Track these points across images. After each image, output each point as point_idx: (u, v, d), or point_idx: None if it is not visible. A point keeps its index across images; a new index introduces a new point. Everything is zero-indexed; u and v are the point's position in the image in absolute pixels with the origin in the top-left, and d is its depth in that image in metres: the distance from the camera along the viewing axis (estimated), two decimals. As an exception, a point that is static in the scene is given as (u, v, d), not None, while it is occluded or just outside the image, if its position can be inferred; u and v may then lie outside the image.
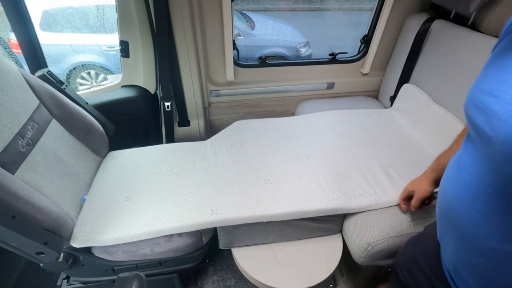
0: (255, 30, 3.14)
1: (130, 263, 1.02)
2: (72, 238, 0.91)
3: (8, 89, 0.85)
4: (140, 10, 1.26)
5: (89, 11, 2.86)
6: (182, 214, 0.97)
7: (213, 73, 1.52)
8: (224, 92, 1.58)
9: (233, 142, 1.31)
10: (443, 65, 1.26)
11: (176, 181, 1.11)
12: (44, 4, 2.64)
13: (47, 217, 0.79)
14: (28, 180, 0.82)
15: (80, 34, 2.84)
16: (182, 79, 1.41)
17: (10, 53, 2.51)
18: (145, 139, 1.57)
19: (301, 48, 3.14)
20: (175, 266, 1.08)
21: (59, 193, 0.92)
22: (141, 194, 1.05)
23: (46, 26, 2.68)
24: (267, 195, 1.04)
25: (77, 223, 0.95)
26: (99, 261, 0.99)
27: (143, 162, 1.21)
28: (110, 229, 0.93)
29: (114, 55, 2.86)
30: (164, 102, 1.40)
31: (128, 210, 0.99)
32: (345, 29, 4.10)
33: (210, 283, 1.34)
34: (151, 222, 0.95)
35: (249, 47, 3.01)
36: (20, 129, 0.85)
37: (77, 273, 1.05)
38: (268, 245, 1.09)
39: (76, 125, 1.10)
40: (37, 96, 0.98)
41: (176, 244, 0.99)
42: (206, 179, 1.11)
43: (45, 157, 0.92)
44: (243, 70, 1.55)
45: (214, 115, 1.67)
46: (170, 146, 1.30)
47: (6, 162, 0.77)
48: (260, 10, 4.08)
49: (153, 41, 1.34)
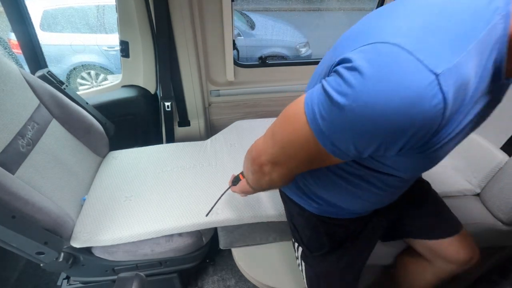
0: (255, 30, 3.14)
1: (130, 263, 1.02)
2: (73, 238, 0.91)
3: (8, 89, 0.85)
4: (140, 10, 1.26)
5: (89, 11, 2.86)
6: (182, 214, 0.97)
7: (213, 73, 1.52)
8: (224, 92, 1.58)
9: (233, 142, 1.31)
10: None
11: (176, 181, 1.11)
12: (44, 4, 2.64)
13: (47, 217, 0.79)
14: (28, 180, 0.82)
15: (80, 34, 2.84)
16: (182, 79, 1.41)
17: (10, 53, 2.51)
18: (145, 139, 1.57)
19: (301, 48, 3.14)
20: (175, 266, 1.08)
21: (59, 193, 0.92)
22: (141, 194, 1.05)
23: (46, 26, 2.68)
24: (268, 194, 1.04)
25: (78, 223, 0.95)
26: (99, 261, 0.99)
27: (143, 162, 1.21)
28: (110, 229, 0.93)
29: (114, 55, 2.86)
30: (164, 102, 1.40)
31: (129, 210, 0.99)
32: (345, 29, 4.08)
33: (210, 283, 1.34)
34: (151, 222, 0.95)
35: (249, 47, 3.01)
36: (20, 129, 0.85)
37: (77, 273, 1.05)
38: (268, 245, 1.09)
39: (76, 125, 1.10)
40: (37, 96, 0.98)
41: (176, 244, 0.99)
42: (207, 179, 1.11)
43: (45, 157, 0.92)
44: (243, 70, 1.55)
45: (214, 115, 1.67)
46: (170, 146, 1.30)
47: (6, 162, 0.77)
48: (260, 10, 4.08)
49: (153, 41, 1.34)
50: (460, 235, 0.81)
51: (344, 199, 0.65)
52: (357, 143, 0.39)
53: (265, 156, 0.54)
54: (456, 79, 0.34)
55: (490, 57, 0.37)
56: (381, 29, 0.38)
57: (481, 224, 0.98)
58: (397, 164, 0.48)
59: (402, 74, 0.33)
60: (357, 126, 0.37)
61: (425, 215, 0.82)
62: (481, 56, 0.36)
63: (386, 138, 0.37)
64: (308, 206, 0.73)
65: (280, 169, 0.53)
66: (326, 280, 0.79)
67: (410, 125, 0.35)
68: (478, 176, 1.05)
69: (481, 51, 0.36)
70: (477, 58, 0.36)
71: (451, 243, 0.80)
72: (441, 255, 0.81)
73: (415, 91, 0.33)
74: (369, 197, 0.62)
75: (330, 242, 0.75)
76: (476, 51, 0.35)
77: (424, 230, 0.82)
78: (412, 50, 0.33)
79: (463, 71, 0.34)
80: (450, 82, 0.33)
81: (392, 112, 0.34)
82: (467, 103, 0.39)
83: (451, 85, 0.34)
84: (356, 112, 0.36)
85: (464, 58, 0.34)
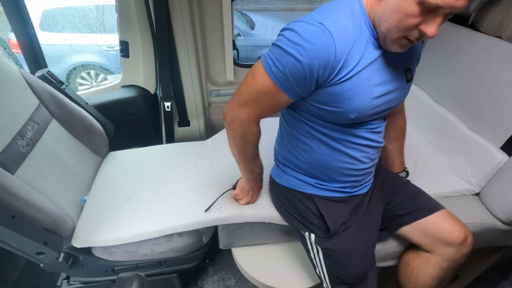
0: (255, 30, 3.14)
1: (130, 263, 1.02)
2: (74, 237, 0.91)
3: (8, 89, 0.85)
4: (140, 10, 1.26)
5: (89, 11, 2.86)
6: (185, 212, 0.97)
7: (213, 73, 1.52)
8: (224, 92, 1.58)
9: (233, 142, 1.31)
10: (443, 65, 1.25)
11: (178, 181, 1.11)
12: (44, 4, 2.64)
13: (47, 217, 0.79)
14: (28, 180, 0.82)
15: (80, 34, 2.84)
16: (182, 79, 1.41)
17: (10, 53, 2.52)
18: (145, 139, 1.57)
19: (301, 48, 3.13)
20: (175, 266, 1.08)
21: (59, 193, 0.92)
22: (142, 194, 1.05)
23: (46, 26, 2.68)
24: (269, 195, 1.04)
25: (79, 223, 0.95)
26: (99, 261, 0.99)
27: (144, 162, 1.21)
28: (111, 229, 0.93)
29: (114, 55, 2.86)
30: (164, 102, 1.40)
31: (130, 210, 0.99)
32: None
33: (210, 283, 1.34)
34: (153, 222, 0.95)
35: (249, 47, 3.01)
36: (20, 129, 0.85)
37: (77, 273, 1.05)
38: (268, 245, 1.09)
39: (76, 125, 1.10)
40: (37, 96, 0.98)
41: (176, 244, 0.99)
42: (209, 178, 1.11)
43: (45, 157, 0.92)
44: (243, 70, 1.55)
45: (214, 115, 1.67)
46: (170, 146, 1.30)
47: (6, 162, 0.77)
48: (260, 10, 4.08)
49: (153, 41, 1.34)
50: (447, 213, 0.88)
51: (327, 163, 0.80)
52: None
53: (232, 104, 0.74)
54: (334, 25, 0.60)
55: (360, 22, 0.64)
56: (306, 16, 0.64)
57: (480, 224, 0.98)
58: (332, 101, 0.67)
59: (312, 31, 0.60)
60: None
61: (407, 199, 0.91)
62: (353, 19, 0.63)
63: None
64: (304, 186, 0.86)
65: (246, 108, 0.71)
66: (345, 259, 0.81)
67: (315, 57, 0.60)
68: (478, 176, 1.05)
69: (351, 17, 0.63)
70: (350, 20, 0.62)
71: (443, 221, 0.86)
72: (438, 237, 0.85)
73: (313, 32, 0.60)
74: (343, 158, 0.78)
75: (335, 220, 0.82)
76: (346, 16, 0.62)
77: (414, 213, 0.88)
78: (322, 21, 0.60)
79: (339, 22, 0.61)
80: (331, 26, 0.59)
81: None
82: (356, 45, 0.63)
83: (332, 27, 0.59)
84: (294, 54, 0.61)
85: (338, 17, 0.61)
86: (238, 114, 0.73)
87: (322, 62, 0.60)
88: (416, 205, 0.89)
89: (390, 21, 0.59)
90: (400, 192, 0.93)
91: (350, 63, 0.63)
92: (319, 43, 0.59)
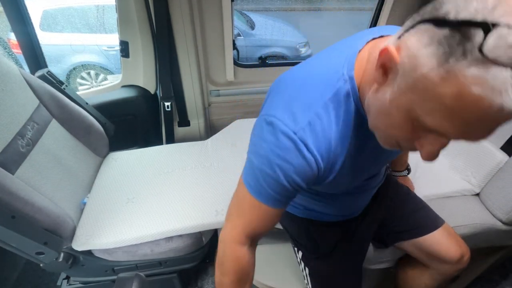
0: (255, 30, 3.14)
1: (130, 263, 1.02)
2: (75, 240, 0.91)
3: (8, 89, 0.85)
4: (140, 10, 1.25)
5: (89, 11, 2.86)
6: (186, 216, 0.97)
7: (213, 73, 1.52)
8: (224, 92, 1.58)
9: (234, 142, 1.31)
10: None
11: (178, 183, 1.11)
12: (44, 4, 2.64)
13: (46, 217, 0.79)
14: (28, 180, 0.82)
15: (80, 34, 2.84)
16: (182, 79, 1.40)
17: (10, 53, 2.52)
18: (145, 139, 1.57)
19: (301, 48, 3.13)
20: (175, 266, 1.08)
21: (59, 193, 0.92)
22: (143, 196, 1.05)
23: (46, 26, 2.68)
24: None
25: (79, 226, 0.95)
26: (99, 261, 0.99)
27: (144, 164, 1.21)
28: (112, 232, 0.93)
29: (114, 55, 2.85)
30: (164, 102, 1.40)
31: (130, 212, 0.99)
32: (346, 29, 4.10)
33: (210, 283, 1.34)
34: (153, 224, 0.95)
35: (249, 47, 3.01)
36: (20, 129, 0.85)
37: (77, 273, 1.05)
38: (268, 246, 1.09)
39: (76, 125, 1.09)
40: (37, 96, 0.98)
41: (176, 244, 0.99)
42: (209, 180, 1.11)
43: (45, 157, 0.92)
44: (243, 70, 1.55)
45: (214, 115, 1.67)
46: (170, 147, 1.30)
47: (6, 162, 0.77)
48: (260, 10, 4.08)
49: (153, 41, 1.34)
50: (445, 230, 0.85)
51: (317, 207, 0.77)
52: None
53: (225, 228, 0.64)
54: (311, 131, 0.47)
55: (347, 109, 0.48)
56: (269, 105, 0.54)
57: (480, 224, 0.98)
58: (323, 189, 0.66)
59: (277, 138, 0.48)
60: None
61: (406, 215, 0.88)
62: (337, 110, 0.48)
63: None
64: (294, 211, 0.82)
65: (234, 220, 0.61)
66: (330, 281, 0.81)
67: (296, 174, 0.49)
68: (478, 176, 1.05)
69: (335, 107, 0.48)
70: (333, 111, 0.48)
71: (440, 240, 0.83)
72: (434, 255, 0.84)
73: (288, 149, 0.47)
74: (336, 205, 0.75)
75: (325, 244, 0.80)
76: (327, 108, 0.47)
77: (412, 231, 0.86)
78: (280, 118, 0.48)
79: (316, 125, 0.47)
80: (307, 134, 0.47)
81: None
82: (340, 146, 0.50)
83: (309, 136, 0.47)
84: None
85: (315, 116, 0.47)
86: (224, 229, 0.63)
87: (305, 178, 0.50)
88: (414, 223, 0.86)
89: (375, 122, 0.45)
90: (399, 206, 0.89)
91: (335, 167, 0.53)
92: (296, 162, 0.48)
